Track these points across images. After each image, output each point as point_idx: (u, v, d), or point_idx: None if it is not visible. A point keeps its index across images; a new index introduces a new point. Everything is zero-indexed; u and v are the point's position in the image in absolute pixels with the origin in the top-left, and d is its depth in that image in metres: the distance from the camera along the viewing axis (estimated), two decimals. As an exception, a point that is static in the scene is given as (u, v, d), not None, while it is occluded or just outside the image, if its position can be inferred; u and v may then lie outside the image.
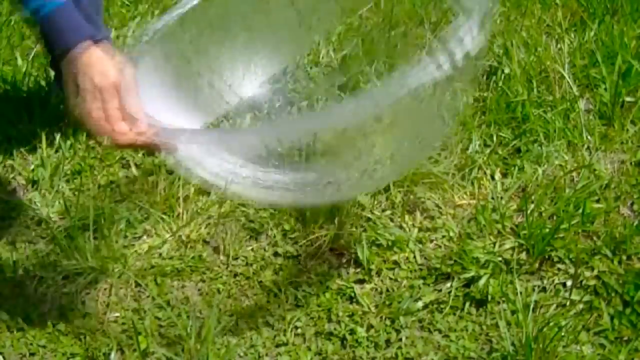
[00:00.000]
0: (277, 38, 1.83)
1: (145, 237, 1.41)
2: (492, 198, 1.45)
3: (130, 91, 1.01)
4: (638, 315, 1.24)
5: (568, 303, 1.27)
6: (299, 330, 1.27)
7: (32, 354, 1.23)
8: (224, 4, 1.37)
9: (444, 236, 1.40)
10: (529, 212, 1.38)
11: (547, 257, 1.34)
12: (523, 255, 1.35)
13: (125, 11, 2.04)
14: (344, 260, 1.37)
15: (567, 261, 1.33)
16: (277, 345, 1.25)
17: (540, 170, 1.51)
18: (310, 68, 1.78)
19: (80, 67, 0.99)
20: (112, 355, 1.22)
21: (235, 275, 1.35)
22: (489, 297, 1.28)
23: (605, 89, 1.69)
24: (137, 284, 1.31)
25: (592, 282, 1.30)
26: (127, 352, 1.23)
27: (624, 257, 1.33)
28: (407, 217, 1.42)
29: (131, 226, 1.41)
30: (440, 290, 1.31)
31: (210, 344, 1.20)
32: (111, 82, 0.99)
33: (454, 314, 1.28)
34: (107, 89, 0.99)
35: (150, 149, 1.06)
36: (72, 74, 1.00)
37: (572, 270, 1.31)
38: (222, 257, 1.37)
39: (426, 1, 1.98)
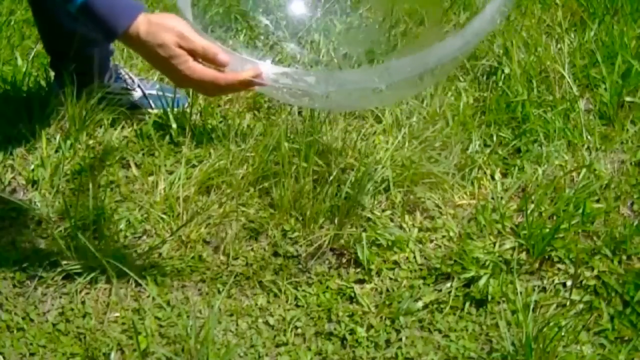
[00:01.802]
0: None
1: (145, 237, 1.41)
2: (492, 198, 1.45)
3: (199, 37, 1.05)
4: (638, 315, 1.25)
5: (568, 303, 1.27)
6: (299, 330, 1.27)
7: (32, 354, 1.23)
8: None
9: (444, 236, 1.40)
10: (529, 212, 1.38)
11: (547, 257, 1.34)
12: (523, 255, 1.35)
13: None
14: (344, 260, 1.37)
15: (567, 261, 1.33)
16: (277, 345, 1.25)
17: (540, 170, 1.51)
18: (311, 67, 1.78)
19: (151, 40, 1.03)
20: (112, 355, 1.22)
21: (235, 275, 1.35)
22: (489, 297, 1.28)
23: (605, 89, 1.69)
24: (137, 284, 1.31)
25: (592, 282, 1.30)
26: (127, 352, 1.23)
27: (624, 257, 1.33)
28: (407, 217, 1.42)
29: (131, 226, 1.41)
30: (440, 290, 1.31)
31: (210, 344, 1.20)
32: (184, 40, 1.03)
33: (454, 314, 1.28)
34: (183, 47, 1.03)
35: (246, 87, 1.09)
36: (146, 48, 1.04)
37: (572, 270, 1.31)
38: (222, 257, 1.37)
39: (426, 0, 1.98)
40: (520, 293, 1.28)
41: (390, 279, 1.33)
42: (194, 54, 1.04)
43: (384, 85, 1.08)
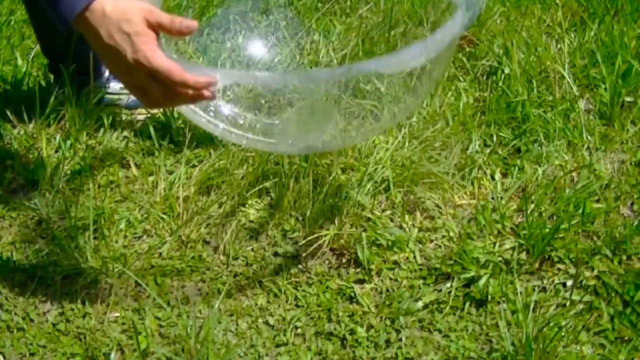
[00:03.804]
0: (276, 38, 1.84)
1: (145, 237, 1.41)
2: (492, 198, 1.45)
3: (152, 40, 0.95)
4: (638, 315, 1.25)
5: (568, 303, 1.27)
6: (299, 330, 1.27)
7: (32, 354, 1.23)
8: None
9: (444, 236, 1.40)
10: (529, 212, 1.38)
11: (547, 257, 1.34)
12: (523, 255, 1.35)
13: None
14: (344, 260, 1.37)
15: (567, 261, 1.33)
16: (277, 345, 1.25)
17: (540, 170, 1.51)
18: (310, 68, 1.78)
19: (117, 14, 0.94)
20: (112, 355, 1.22)
21: (235, 275, 1.35)
22: (489, 297, 1.28)
23: (605, 89, 1.69)
24: (137, 284, 1.31)
25: (592, 282, 1.30)
26: (127, 352, 1.23)
27: (624, 257, 1.33)
28: (407, 217, 1.42)
29: (131, 226, 1.41)
30: (440, 290, 1.31)
31: (210, 344, 1.20)
32: (140, 29, 0.94)
33: (454, 314, 1.28)
34: (139, 37, 0.94)
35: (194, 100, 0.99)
36: (109, 24, 0.94)
37: (572, 270, 1.31)
38: (222, 257, 1.37)
39: (425, 1, 1.98)
40: (520, 293, 1.28)
41: (390, 279, 1.33)
42: (160, 26, 0.96)
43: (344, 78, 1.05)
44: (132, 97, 1.66)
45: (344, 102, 1.44)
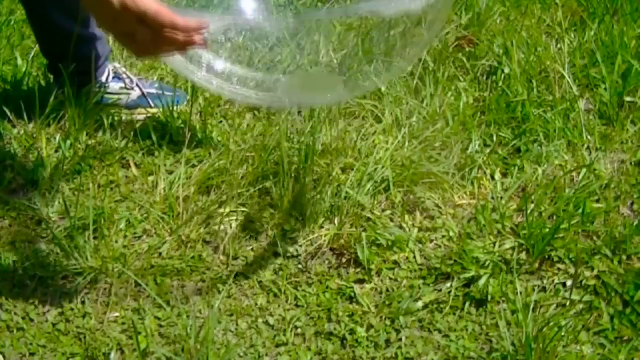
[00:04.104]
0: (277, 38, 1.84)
1: (145, 237, 1.41)
2: (492, 198, 1.45)
3: None
4: (638, 315, 1.25)
5: (568, 303, 1.27)
6: (299, 330, 1.27)
7: (32, 354, 1.23)
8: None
9: (444, 236, 1.40)
10: (529, 212, 1.38)
11: (547, 257, 1.34)
12: (523, 255, 1.35)
13: None
14: (344, 260, 1.37)
15: (567, 261, 1.33)
16: (277, 345, 1.25)
17: (540, 170, 1.51)
18: (311, 68, 1.78)
19: None
20: (112, 355, 1.22)
21: (235, 275, 1.35)
22: (489, 297, 1.28)
23: (605, 89, 1.69)
24: (137, 284, 1.31)
25: (592, 282, 1.30)
26: (127, 352, 1.23)
27: (624, 257, 1.33)
28: (407, 217, 1.42)
29: (131, 226, 1.41)
30: (440, 290, 1.31)
31: (210, 344, 1.20)
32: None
33: (454, 314, 1.28)
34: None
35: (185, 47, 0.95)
36: None
37: (572, 270, 1.31)
38: (222, 257, 1.37)
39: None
40: (520, 293, 1.28)
41: (390, 279, 1.33)
42: None
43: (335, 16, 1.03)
44: (132, 97, 1.67)
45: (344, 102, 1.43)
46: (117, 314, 1.28)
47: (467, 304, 1.29)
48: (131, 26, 0.91)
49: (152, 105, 1.66)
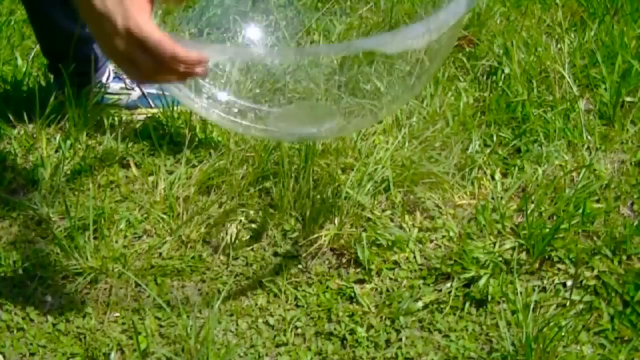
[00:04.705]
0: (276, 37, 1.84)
1: (145, 237, 1.41)
2: (492, 198, 1.45)
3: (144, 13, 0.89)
4: (638, 315, 1.25)
5: (568, 303, 1.27)
6: (299, 330, 1.27)
7: (32, 354, 1.23)
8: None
9: (444, 236, 1.40)
10: (529, 212, 1.38)
11: (547, 257, 1.34)
12: (523, 255, 1.35)
13: None
14: (344, 260, 1.37)
15: (567, 261, 1.33)
16: (277, 345, 1.25)
17: (540, 170, 1.51)
18: (310, 68, 1.78)
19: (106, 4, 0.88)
20: (112, 355, 1.22)
21: (235, 275, 1.35)
22: (489, 297, 1.28)
23: (605, 89, 1.69)
24: (137, 284, 1.31)
25: (592, 282, 1.30)
26: (127, 352, 1.23)
27: (624, 257, 1.33)
28: (407, 217, 1.42)
29: (131, 226, 1.41)
30: (440, 290, 1.31)
31: (210, 344, 1.20)
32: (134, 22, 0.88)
33: (454, 314, 1.28)
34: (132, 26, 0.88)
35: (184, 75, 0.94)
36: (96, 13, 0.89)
37: (572, 270, 1.31)
38: (222, 257, 1.37)
39: (425, 0, 1.98)
40: (520, 293, 1.28)
41: (390, 279, 1.33)
42: None
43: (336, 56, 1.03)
44: (132, 97, 1.67)
45: (344, 102, 1.43)
46: (117, 314, 1.28)
47: (467, 304, 1.29)
48: (132, 51, 0.91)
49: (152, 105, 1.66)
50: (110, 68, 1.66)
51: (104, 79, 1.65)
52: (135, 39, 0.89)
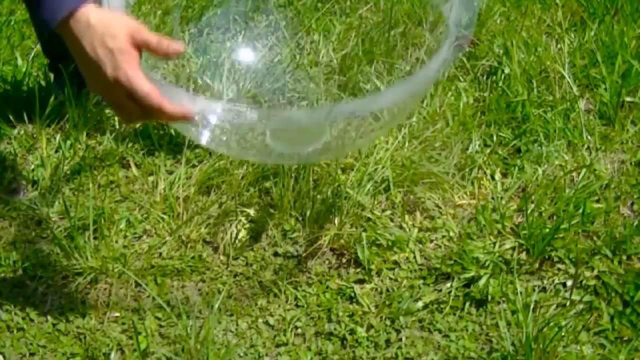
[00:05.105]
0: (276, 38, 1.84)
1: (145, 237, 1.41)
2: (492, 198, 1.45)
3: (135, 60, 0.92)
4: (638, 315, 1.25)
5: (568, 303, 1.27)
6: (299, 330, 1.27)
7: (32, 354, 1.23)
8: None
9: (444, 236, 1.40)
10: (529, 212, 1.38)
11: (547, 257, 1.34)
12: (523, 255, 1.35)
13: (128, 12, 2.04)
14: (344, 260, 1.37)
15: (567, 261, 1.33)
16: (277, 345, 1.25)
17: (540, 170, 1.51)
18: (310, 68, 1.78)
19: (101, 27, 0.91)
20: (112, 355, 1.22)
21: (235, 275, 1.35)
22: (489, 297, 1.28)
23: (605, 89, 1.69)
24: (137, 284, 1.31)
25: (592, 282, 1.30)
26: (127, 352, 1.23)
27: (624, 257, 1.33)
28: (407, 217, 1.42)
29: (131, 226, 1.41)
30: (440, 290, 1.31)
31: (210, 344, 1.20)
32: (123, 46, 0.91)
33: (454, 314, 1.28)
34: (122, 54, 0.91)
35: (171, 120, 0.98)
36: (92, 35, 0.91)
37: (572, 270, 1.31)
38: (222, 257, 1.37)
39: (425, 1, 1.98)
40: (520, 293, 1.28)
41: (390, 279, 1.33)
42: (146, 46, 0.93)
43: (327, 127, 1.07)
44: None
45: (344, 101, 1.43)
46: (117, 314, 1.28)
47: (467, 304, 1.29)
48: (120, 98, 0.94)
49: (153, 105, 1.66)
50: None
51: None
52: (124, 89, 0.92)
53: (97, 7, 0.93)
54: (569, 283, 1.30)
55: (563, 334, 1.20)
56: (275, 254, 1.38)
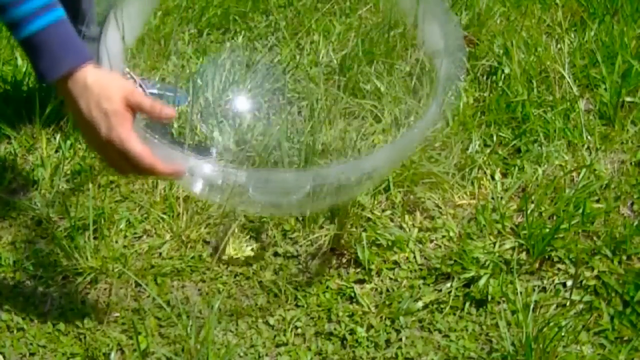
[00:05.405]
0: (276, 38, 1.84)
1: (145, 237, 1.41)
2: (492, 198, 1.45)
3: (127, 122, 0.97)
4: (638, 315, 1.25)
5: (568, 303, 1.27)
6: (299, 330, 1.27)
7: (32, 354, 1.23)
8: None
9: (444, 236, 1.40)
10: (529, 212, 1.38)
11: (547, 257, 1.34)
12: (523, 255, 1.35)
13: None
14: (344, 260, 1.37)
15: (567, 261, 1.33)
16: (277, 345, 1.25)
17: (540, 170, 1.51)
18: (310, 68, 1.78)
19: (97, 88, 0.95)
20: (112, 355, 1.22)
21: (235, 275, 1.35)
22: (489, 297, 1.28)
23: (605, 89, 1.69)
24: (137, 284, 1.31)
25: (592, 282, 1.30)
26: (127, 352, 1.23)
27: (624, 257, 1.34)
28: (407, 217, 1.42)
29: (131, 226, 1.41)
30: (440, 290, 1.31)
31: (210, 344, 1.20)
32: (117, 107, 0.95)
33: (454, 314, 1.28)
34: (116, 115, 0.95)
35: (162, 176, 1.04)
36: (88, 95, 0.95)
37: (572, 270, 1.31)
38: (222, 257, 1.37)
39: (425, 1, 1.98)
40: (520, 293, 1.28)
41: (390, 279, 1.33)
42: (140, 109, 0.97)
43: (309, 187, 1.08)
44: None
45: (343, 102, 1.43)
46: (117, 314, 1.28)
47: (467, 304, 1.29)
48: (114, 156, 0.98)
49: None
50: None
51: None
52: (117, 149, 0.96)
53: (94, 68, 0.97)
54: (569, 283, 1.30)
55: (563, 334, 1.20)
56: (275, 254, 1.38)
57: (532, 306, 1.25)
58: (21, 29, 0.94)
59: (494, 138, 1.59)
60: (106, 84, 0.95)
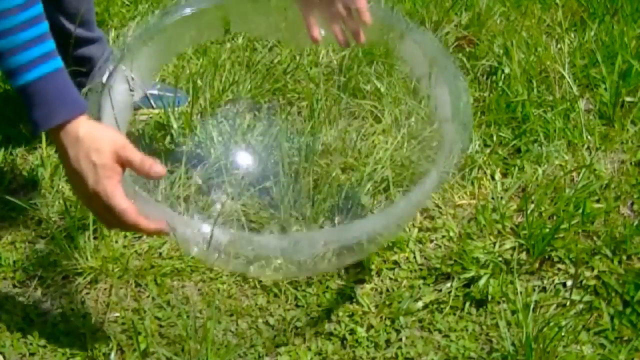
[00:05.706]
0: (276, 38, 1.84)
1: (145, 237, 1.41)
2: (492, 198, 1.45)
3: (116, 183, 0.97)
4: (638, 315, 1.25)
5: (568, 303, 1.27)
6: (299, 330, 1.27)
7: (32, 354, 1.23)
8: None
9: (444, 236, 1.40)
10: (529, 212, 1.38)
11: (547, 257, 1.34)
12: (523, 255, 1.35)
13: (125, 11, 2.04)
14: (344, 260, 1.37)
15: (567, 261, 1.33)
16: (277, 345, 1.25)
17: (540, 170, 1.51)
18: (310, 68, 1.78)
19: (89, 141, 0.95)
20: (112, 355, 1.22)
21: (236, 275, 1.34)
22: (489, 297, 1.28)
23: (605, 89, 1.69)
24: (137, 284, 1.31)
25: (592, 282, 1.30)
26: (127, 352, 1.23)
27: (624, 257, 1.33)
28: (407, 217, 1.42)
29: (131, 226, 1.41)
30: (440, 290, 1.31)
31: (210, 344, 1.20)
32: (107, 161, 0.96)
33: (454, 314, 1.28)
34: (105, 169, 0.96)
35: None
36: (79, 147, 0.95)
37: (572, 270, 1.31)
38: (222, 257, 1.37)
39: (427, 0, 1.99)
40: (520, 293, 1.28)
41: (390, 279, 1.33)
42: (129, 164, 0.97)
43: (300, 256, 1.08)
44: (134, 98, 1.66)
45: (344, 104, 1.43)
46: (117, 314, 1.28)
47: (467, 304, 1.29)
48: (99, 209, 0.98)
49: (154, 105, 1.66)
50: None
51: (104, 80, 1.64)
52: (102, 202, 0.96)
53: (88, 120, 0.97)
54: (569, 283, 1.30)
55: (563, 334, 1.20)
56: (275, 254, 1.38)
57: (532, 306, 1.25)
58: (18, 77, 0.93)
59: (494, 138, 1.59)
60: (98, 136, 0.96)
